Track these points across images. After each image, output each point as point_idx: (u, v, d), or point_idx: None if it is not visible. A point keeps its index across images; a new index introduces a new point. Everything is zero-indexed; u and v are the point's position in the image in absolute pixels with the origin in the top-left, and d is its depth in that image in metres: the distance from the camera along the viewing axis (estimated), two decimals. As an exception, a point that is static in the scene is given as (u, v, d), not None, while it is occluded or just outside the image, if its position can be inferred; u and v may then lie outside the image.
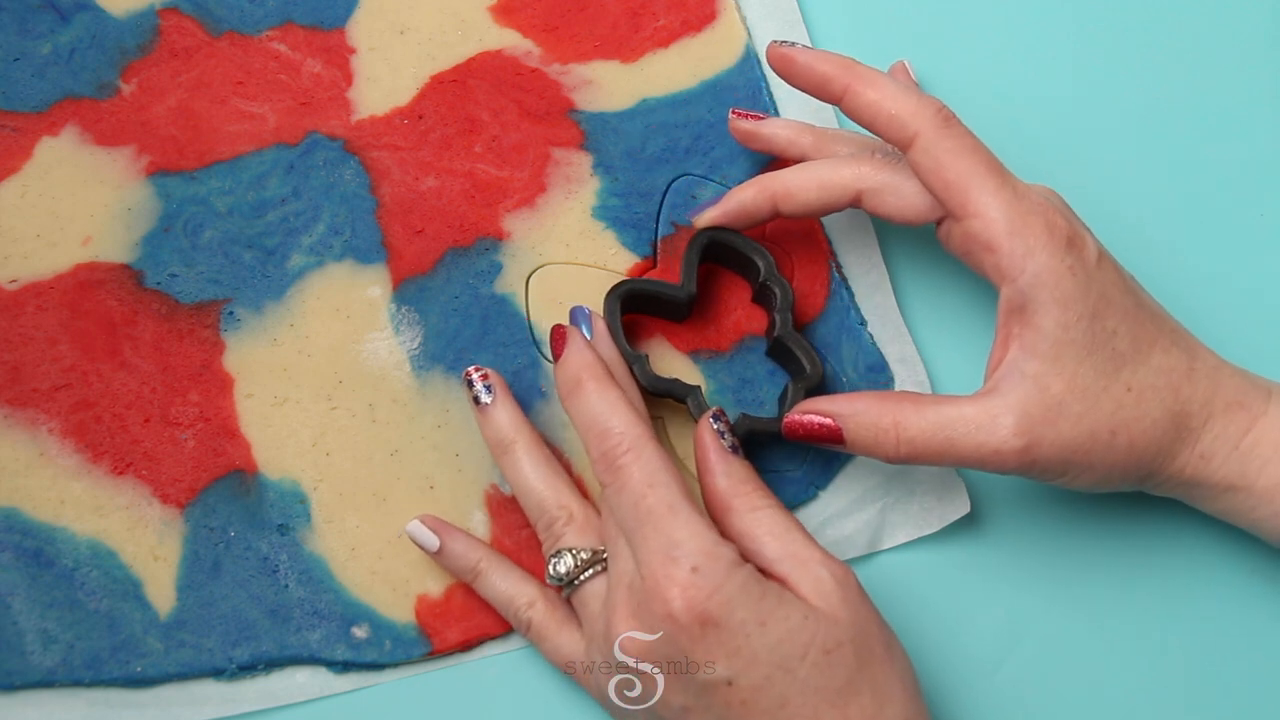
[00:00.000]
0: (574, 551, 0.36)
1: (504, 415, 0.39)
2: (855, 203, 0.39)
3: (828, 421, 0.37)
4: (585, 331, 0.39)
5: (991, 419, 0.35)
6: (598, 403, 0.37)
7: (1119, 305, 0.36)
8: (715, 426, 0.37)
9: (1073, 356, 0.36)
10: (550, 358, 0.42)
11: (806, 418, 0.37)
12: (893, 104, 0.38)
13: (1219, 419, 0.37)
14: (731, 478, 0.36)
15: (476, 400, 0.39)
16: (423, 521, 0.39)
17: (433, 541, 0.39)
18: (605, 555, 0.36)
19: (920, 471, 0.41)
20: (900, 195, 0.39)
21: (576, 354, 0.38)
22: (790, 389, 0.40)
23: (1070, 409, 0.35)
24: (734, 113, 0.43)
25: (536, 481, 0.38)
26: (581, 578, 0.36)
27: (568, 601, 0.37)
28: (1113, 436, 0.36)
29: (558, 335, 0.39)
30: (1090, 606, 0.41)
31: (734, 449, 0.37)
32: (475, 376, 0.39)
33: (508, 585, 0.38)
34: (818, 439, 0.38)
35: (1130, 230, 0.45)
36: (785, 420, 0.38)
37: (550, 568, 0.36)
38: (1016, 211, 0.36)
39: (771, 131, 0.42)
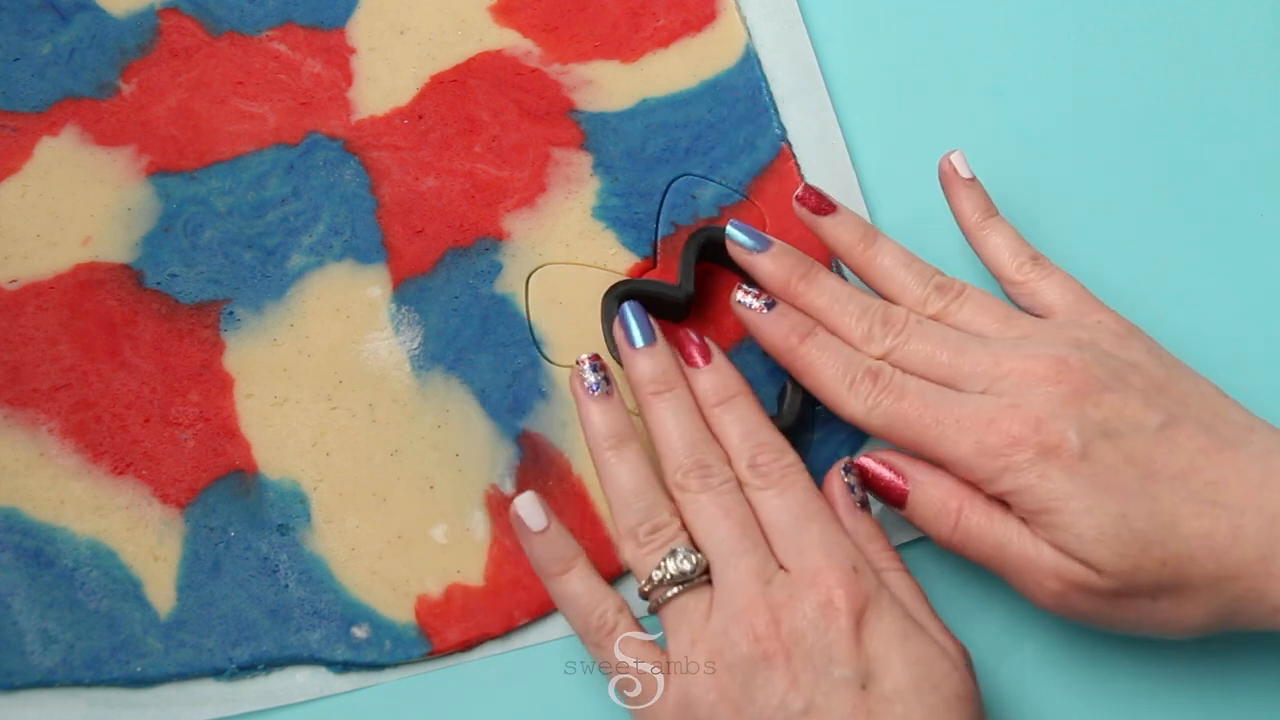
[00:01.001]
0: (690, 554, 0.35)
1: (618, 414, 0.38)
2: None
3: (898, 481, 0.37)
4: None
5: (1038, 558, 0.35)
6: (755, 414, 0.38)
7: (1119, 488, 0.34)
8: (846, 480, 0.37)
9: (1095, 543, 0.34)
10: (549, 358, 0.42)
11: (878, 468, 0.38)
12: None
13: None
14: (859, 535, 0.36)
15: (591, 389, 0.38)
16: (536, 498, 0.37)
17: (541, 521, 0.37)
18: (708, 568, 0.35)
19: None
20: None
21: (721, 369, 0.39)
22: (789, 387, 0.40)
23: (1104, 581, 0.34)
24: (805, 191, 0.41)
25: (646, 480, 0.37)
26: (694, 582, 0.35)
27: (652, 611, 0.36)
28: (1153, 602, 0.34)
29: (691, 345, 0.39)
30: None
31: (863, 504, 0.37)
32: (587, 360, 0.38)
33: (597, 585, 0.37)
34: (880, 490, 0.38)
35: (1130, 231, 0.45)
36: (858, 461, 0.38)
37: (664, 566, 0.35)
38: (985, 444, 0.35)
39: (828, 232, 0.41)
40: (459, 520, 0.40)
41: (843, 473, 0.38)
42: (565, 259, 0.43)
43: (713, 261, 0.43)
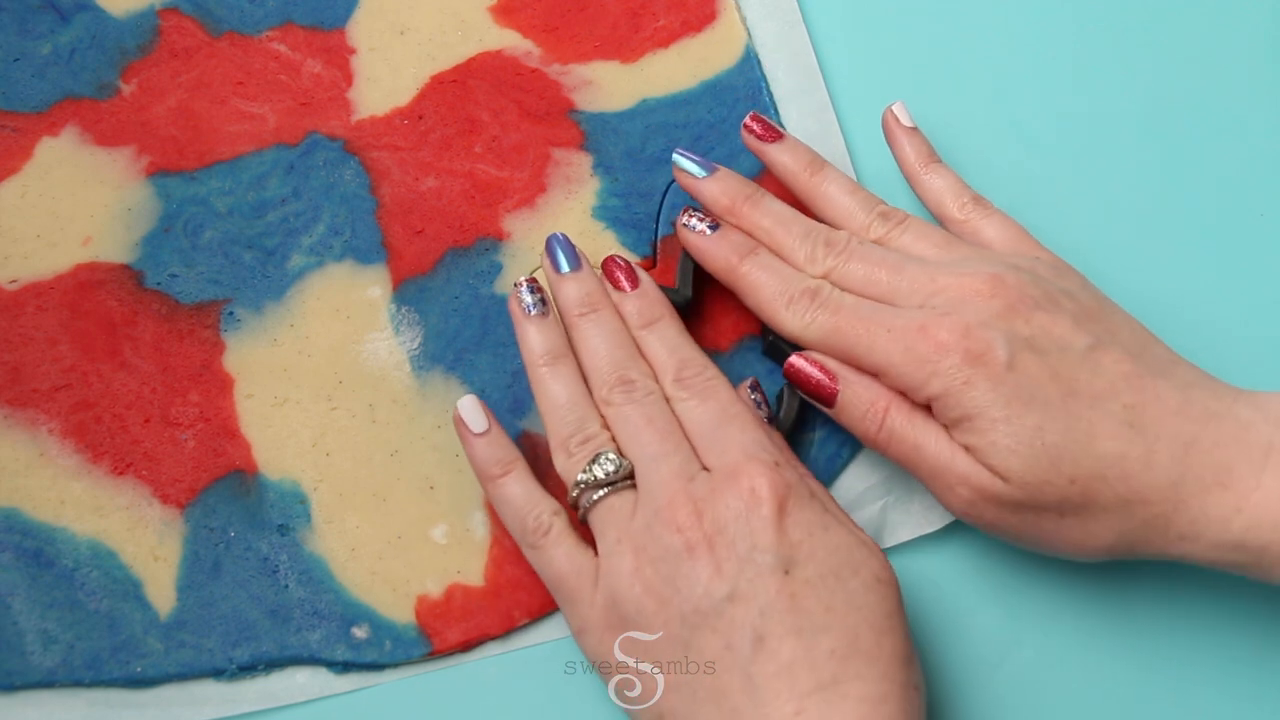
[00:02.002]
0: (614, 459, 0.36)
1: (552, 333, 0.39)
2: None
3: (827, 381, 0.38)
4: (568, 263, 0.40)
5: (953, 463, 0.36)
6: (677, 334, 0.39)
7: (1040, 401, 0.34)
8: (752, 397, 0.40)
9: (1009, 453, 0.34)
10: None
11: (809, 367, 0.38)
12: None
13: (1194, 503, 0.34)
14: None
15: (529, 309, 0.39)
16: (478, 402, 0.39)
17: (482, 422, 0.38)
18: (632, 473, 0.36)
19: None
20: None
21: (646, 292, 0.40)
22: (786, 389, 0.40)
23: (1011, 495, 0.35)
24: (752, 119, 0.42)
25: (579, 394, 0.38)
26: (618, 485, 0.36)
27: (582, 519, 0.37)
28: (1058, 522, 0.35)
29: (618, 270, 0.40)
30: (1090, 607, 0.41)
31: (770, 420, 0.39)
32: (524, 282, 0.40)
33: (534, 489, 0.38)
34: (811, 390, 0.38)
35: (1130, 230, 0.45)
36: (789, 361, 0.39)
37: (589, 470, 0.36)
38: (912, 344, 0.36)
39: (774, 158, 0.42)
40: (459, 520, 0.40)
41: (749, 390, 0.40)
42: (565, 259, 0.43)
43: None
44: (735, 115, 0.45)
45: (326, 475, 0.40)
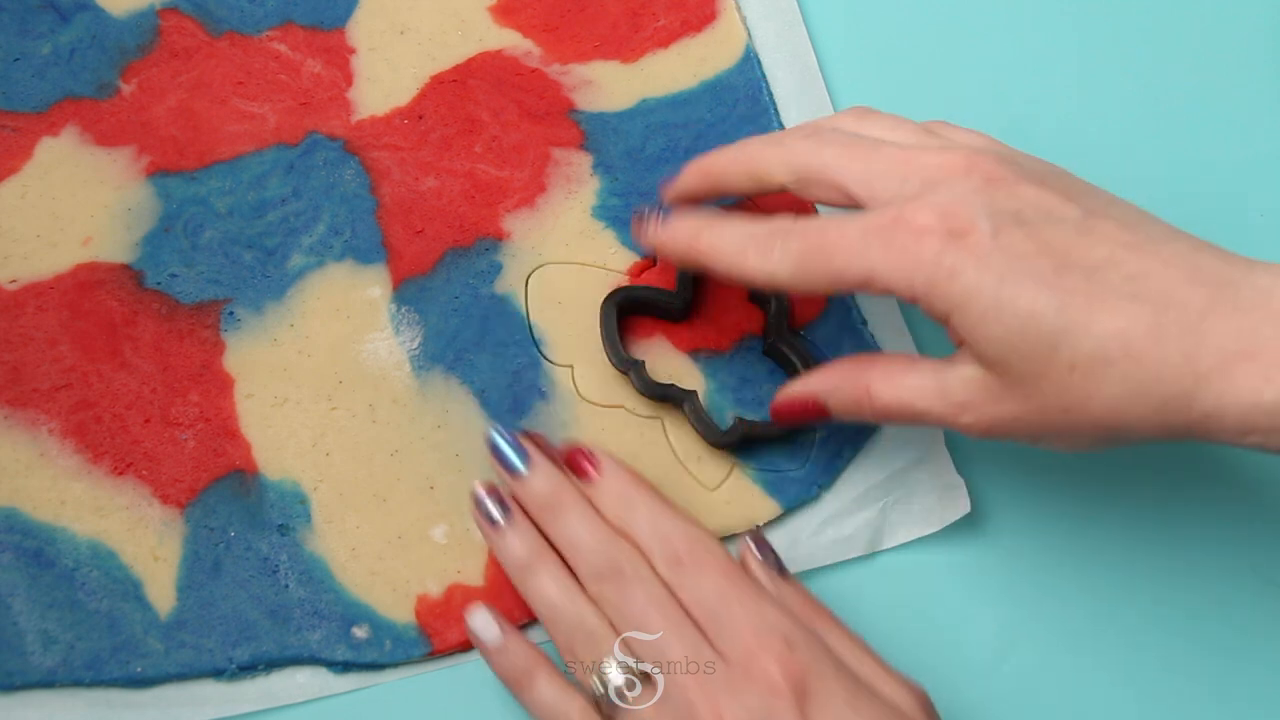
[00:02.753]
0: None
1: (528, 536, 0.37)
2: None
3: (808, 401, 0.37)
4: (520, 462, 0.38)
5: (943, 395, 0.34)
6: (659, 509, 0.37)
7: (1031, 280, 0.31)
8: (757, 555, 0.37)
9: (1002, 344, 0.32)
10: (549, 358, 0.42)
11: (791, 401, 0.38)
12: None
13: (1216, 377, 0.30)
14: (787, 600, 0.36)
15: (492, 521, 0.38)
16: (489, 612, 0.37)
17: (495, 635, 0.37)
18: (647, 669, 0.34)
19: (921, 471, 0.41)
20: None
21: (617, 475, 0.38)
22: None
23: (1013, 392, 0.32)
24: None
25: (570, 590, 0.36)
26: (636, 688, 0.34)
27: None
28: (1066, 414, 0.32)
29: (583, 459, 0.38)
30: (1090, 607, 0.41)
31: (780, 569, 0.37)
32: (484, 493, 0.38)
33: (560, 689, 0.36)
34: (808, 416, 0.38)
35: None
36: (772, 407, 0.38)
37: (602, 682, 0.34)
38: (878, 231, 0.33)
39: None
40: (459, 520, 0.40)
41: (752, 547, 0.37)
42: (565, 259, 0.43)
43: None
44: (735, 115, 0.45)
45: (326, 475, 0.40)
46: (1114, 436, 0.32)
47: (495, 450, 0.38)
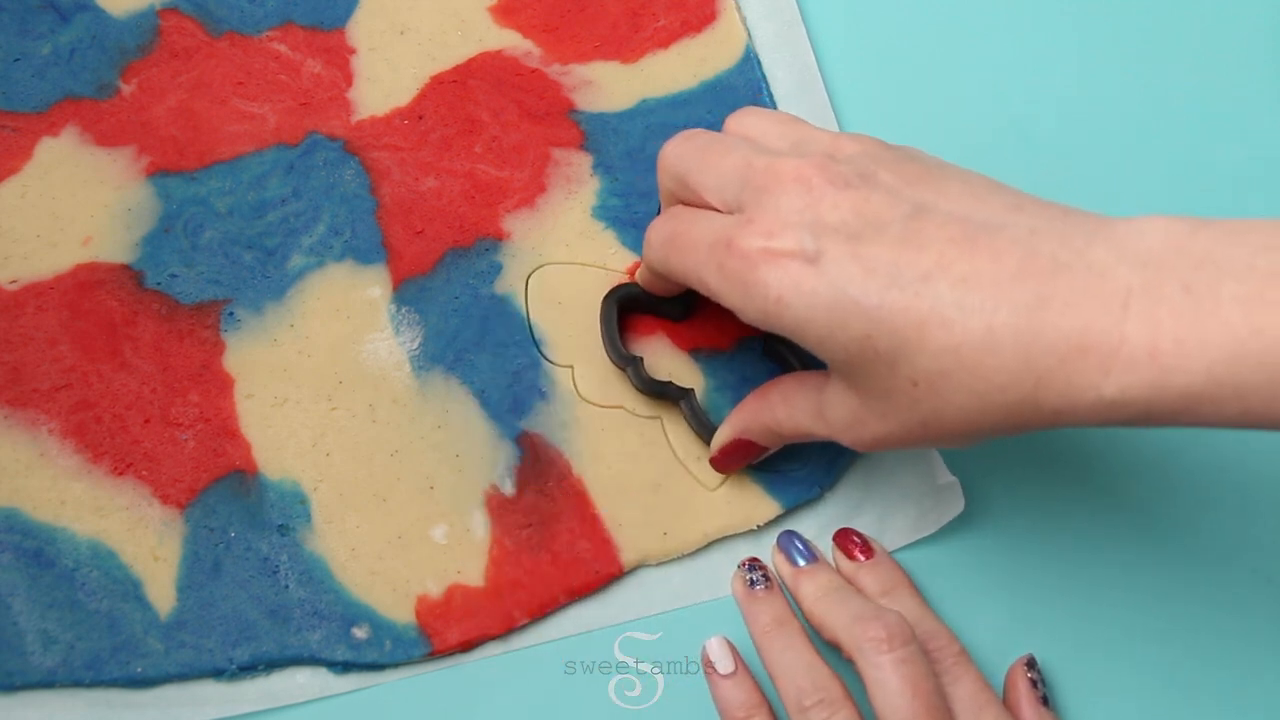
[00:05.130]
0: None
1: (782, 602, 0.38)
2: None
3: (737, 442, 0.38)
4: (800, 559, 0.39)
5: (823, 418, 0.35)
6: (920, 604, 0.38)
7: (859, 305, 0.30)
8: (1030, 675, 0.38)
9: (842, 367, 0.32)
10: (549, 358, 0.42)
11: (723, 447, 0.39)
12: None
13: (1055, 378, 0.29)
14: None
15: (753, 585, 0.39)
16: (725, 643, 0.38)
17: (729, 665, 0.38)
18: None
19: (915, 472, 0.41)
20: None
21: (886, 561, 0.39)
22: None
23: (871, 409, 0.33)
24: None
25: (814, 658, 0.36)
26: None
27: None
28: (925, 429, 0.32)
29: (853, 544, 0.40)
30: (1090, 607, 0.41)
31: (1045, 700, 0.38)
32: (749, 566, 0.39)
33: None
34: (748, 455, 0.39)
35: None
36: (710, 459, 0.40)
37: None
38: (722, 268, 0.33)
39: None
40: (459, 521, 0.40)
41: (1026, 668, 0.38)
42: (565, 259, 0.43)
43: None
44: (735, 115, 0.45)
45: (326, 475, 0.40)
46: (983, 437, 0.32)
47: (782, 544, 0.40)
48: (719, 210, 0.34)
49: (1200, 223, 0.29)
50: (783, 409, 0.36)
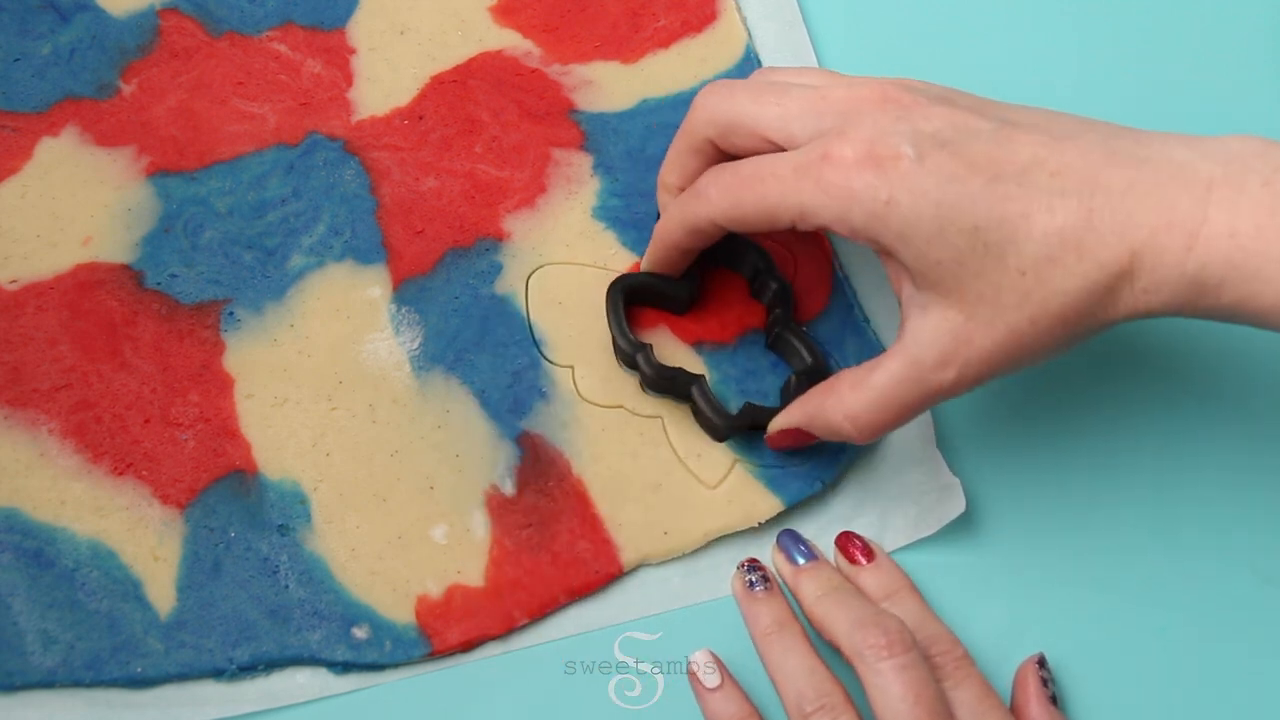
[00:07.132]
0: None
1: (783, 604, 0.38)
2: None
3: (794, 431, 0.38)
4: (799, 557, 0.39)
5: (916, 365, 0.34)
6: (921, 607, 0.38)
7: (967, 197, 0.32)
8: (1041, 673, 0.38)
9: (949, 274, 0.33)
10: (550, 358, 0.42)
11: (783, 432, 0.39)
12: None
13: (1148, 253, 0.31)
14: None
15: (753, 586, 0.39)
16: (711, 656, 0.38)
17: (715, 678, 0.37)
18: None
19: (915, 473, 0.41)
20: None
21: (888, 564, 0.39)
22: (793, 381, 0.40)
23: (978, 319, 0.33)
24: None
25: (815, 662, 0.36)
26: None
27: None
28: (1034, 325, 0.33)
29: (857, 550, 0.39)
30: (1091, 607, 0.41)
31: (1054, 699, 0.37)
32: (748, 567, 0.39)
33: None
34: (801, 441, 0.39)
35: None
36: (768, 438, 0.39)
37: None
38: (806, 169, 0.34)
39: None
40: (459, 521, 0.40)
41: (1037, 665, 0.38)
42: (565, 259, 0.43)
43: (713, 258, 0.43)
44: (735, 115, 0.45)
45: (326, 475, 0.40)
46: (1083, 331, 0.33)
47: (781, 541, 0.40)
48: (780, 148, 0.35)
49: (1275, 141, 0.32)
50: (855, 395, 0.36)
